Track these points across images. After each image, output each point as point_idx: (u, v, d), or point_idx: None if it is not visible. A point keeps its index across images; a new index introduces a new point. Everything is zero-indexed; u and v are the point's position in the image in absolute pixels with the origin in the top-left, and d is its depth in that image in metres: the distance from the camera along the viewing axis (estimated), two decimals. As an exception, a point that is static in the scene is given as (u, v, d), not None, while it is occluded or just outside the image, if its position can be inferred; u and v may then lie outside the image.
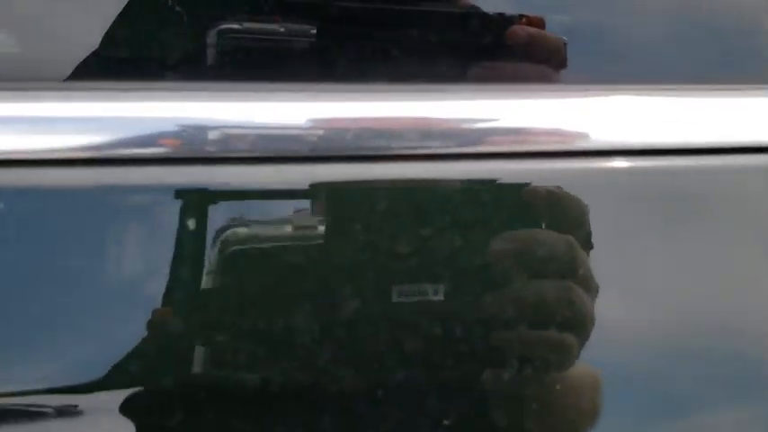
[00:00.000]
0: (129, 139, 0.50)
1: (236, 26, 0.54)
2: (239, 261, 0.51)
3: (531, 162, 0.53)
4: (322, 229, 0.52)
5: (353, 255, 0.52)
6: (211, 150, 0.51)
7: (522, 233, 0.54)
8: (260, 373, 0.51)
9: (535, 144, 0.53)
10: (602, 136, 0.54)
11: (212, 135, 0.51)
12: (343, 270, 0.52)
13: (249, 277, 0.51)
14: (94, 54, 0.51)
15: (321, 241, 0.52)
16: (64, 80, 0.51)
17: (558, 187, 0.54)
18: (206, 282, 0.51)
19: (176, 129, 0.51)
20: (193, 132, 0.51)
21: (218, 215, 0.51)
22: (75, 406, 0.49)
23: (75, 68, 0.51)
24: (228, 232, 0.51)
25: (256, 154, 0.51)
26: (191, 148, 0.51)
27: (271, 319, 0.51)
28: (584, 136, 0.54)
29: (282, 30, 0.54)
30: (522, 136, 0.53)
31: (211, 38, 0.53)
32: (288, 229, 0.52)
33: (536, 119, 0.54)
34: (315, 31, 0.54)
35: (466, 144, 0.53)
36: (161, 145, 0.50)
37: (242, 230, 0.51)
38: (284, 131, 0.52)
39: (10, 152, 0.48)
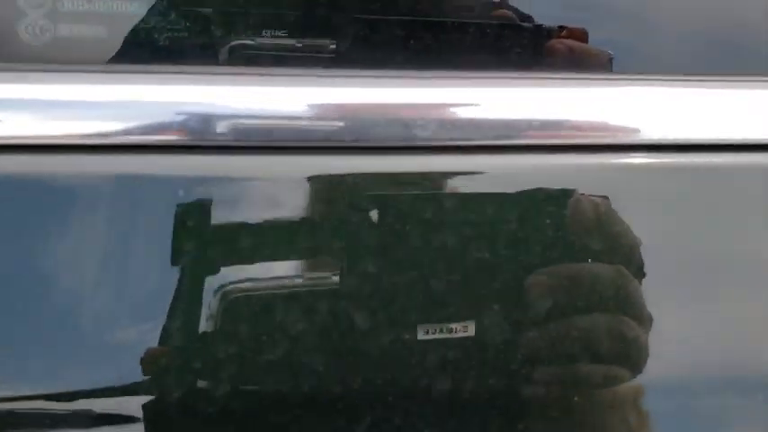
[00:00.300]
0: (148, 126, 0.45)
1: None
2: (257, 253, 0.46)
3: (576, 156, 0.48)
4: (342, 220, 0.47)
5: (373, 263, 0.46)
6: (229, 139, 0.46)
7: (569, 267, 0.48)
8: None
9: (580, 138, 0.48)
10: (652, 130, 0.48)
11: (235, 124, 0.46)
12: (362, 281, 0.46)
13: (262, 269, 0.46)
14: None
15: (342, 235, 0.47)
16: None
17: (606, 199, 0.48)
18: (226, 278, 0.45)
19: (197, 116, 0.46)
20: (205, 120, 0.46)
21: (236, 204, 0.46)
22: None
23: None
24: (249, 223, 0.46)
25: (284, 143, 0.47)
26: (202, 137, 0.46)
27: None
28: (634, 130, 0.48)
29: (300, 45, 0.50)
30: (566, 129, 0.48)
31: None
32: (305, 218, 0.46)
33: (581, 111, 0.48)
34: (334, 47, 0.50)
35: (506, 136, 0.48)
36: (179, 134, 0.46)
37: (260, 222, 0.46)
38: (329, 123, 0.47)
39: (18, 137, 0.44)
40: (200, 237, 0.45)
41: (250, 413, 0.45)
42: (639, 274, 0.49)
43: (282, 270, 0.46)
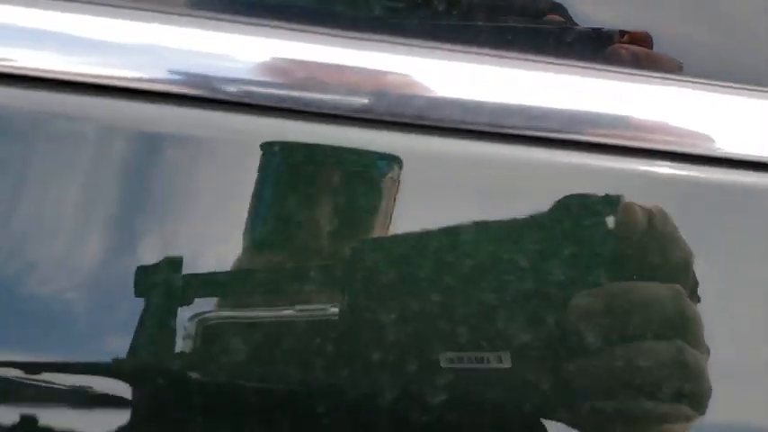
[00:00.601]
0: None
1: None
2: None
3: (639, 162, 0.44)
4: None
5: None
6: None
7: (616, 287, 0.43)
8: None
9: (644, 141, 0.43)
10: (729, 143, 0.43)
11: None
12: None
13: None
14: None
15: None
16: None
17: (659, 209, 0.43)
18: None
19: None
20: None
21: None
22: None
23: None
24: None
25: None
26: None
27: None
28: (708, 139, 0.43)
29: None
30: (630, 130, 0.43)
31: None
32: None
33: (650, 111, 0.44)
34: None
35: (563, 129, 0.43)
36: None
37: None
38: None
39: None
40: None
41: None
42: (694, 296, 0.44)
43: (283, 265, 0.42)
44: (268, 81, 0.41)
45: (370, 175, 0.43)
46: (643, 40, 0.47)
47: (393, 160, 0.43)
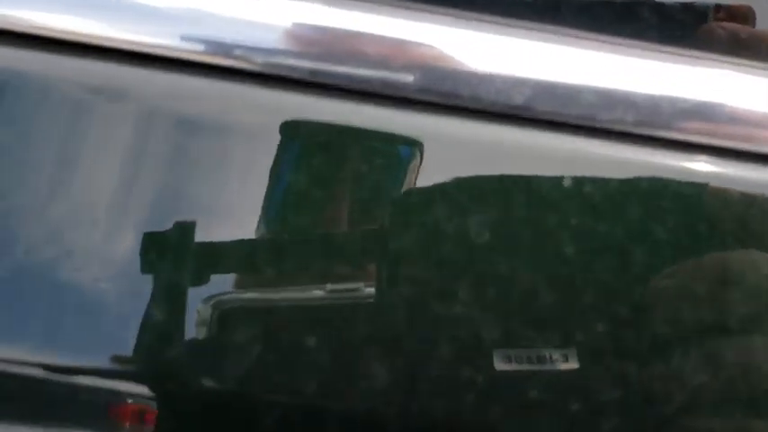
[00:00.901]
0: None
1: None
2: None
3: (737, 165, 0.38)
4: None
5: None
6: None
7: (704, 260, 0.37)
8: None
9: (744, 141, 0.38)
10: None
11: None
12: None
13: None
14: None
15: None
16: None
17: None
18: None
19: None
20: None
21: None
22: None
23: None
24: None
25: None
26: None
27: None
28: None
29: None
30: (728, 126, 0.38)
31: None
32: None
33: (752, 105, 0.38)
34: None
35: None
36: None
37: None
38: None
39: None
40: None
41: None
42: None
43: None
44: (292, 51, 0.38)
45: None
46: (744, 16, 0.41)
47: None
